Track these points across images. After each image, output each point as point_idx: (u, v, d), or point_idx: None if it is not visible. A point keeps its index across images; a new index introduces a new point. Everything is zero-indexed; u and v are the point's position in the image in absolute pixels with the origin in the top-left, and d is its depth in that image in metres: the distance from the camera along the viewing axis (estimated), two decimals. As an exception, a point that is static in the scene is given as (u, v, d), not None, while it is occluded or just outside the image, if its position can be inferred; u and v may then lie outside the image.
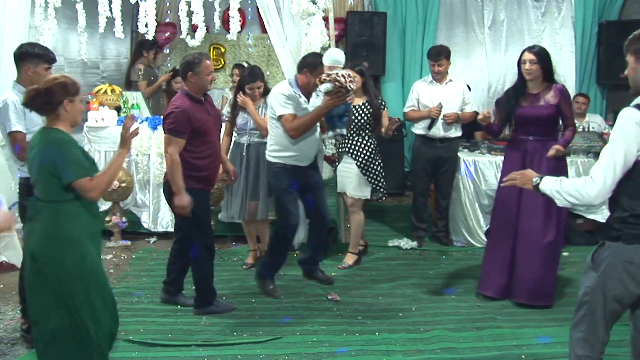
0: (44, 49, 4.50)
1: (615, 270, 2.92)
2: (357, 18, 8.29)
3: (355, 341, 4.47)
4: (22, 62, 4.40)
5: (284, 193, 5.11)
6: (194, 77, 4.60)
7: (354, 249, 6.03)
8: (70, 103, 3.40)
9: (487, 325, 4.69)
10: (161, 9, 8.59)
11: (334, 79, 4.65)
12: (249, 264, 6.00)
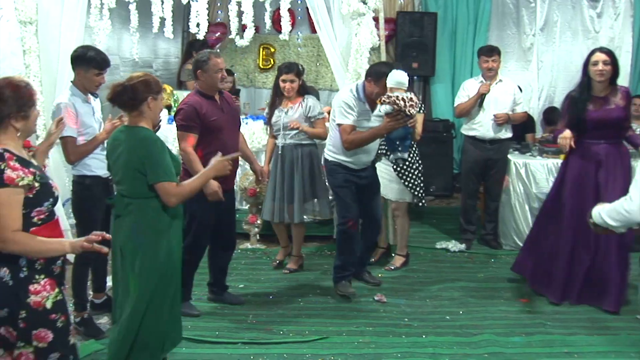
0: (97, 52, 4.51)
1: None
2: (408, 18, 8.23)
3: (402, 343, 4.45)
4: (76, 66, 4.49)
5: (341, 188, 5.10)
6: (203, 75, 4.61)
7: (402, 251, 5.99)
8: (154, 101, 3.48)
9: (536, 331, 4.61)
10: (212, 9, 8.67)
11: (393, 101, 4.60)
12: (279, 260, 5.97)
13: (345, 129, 4.88)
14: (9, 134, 2.82)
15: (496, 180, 6.40)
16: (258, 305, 5.07)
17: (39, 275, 2.83)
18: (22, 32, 5.77)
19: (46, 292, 2.84)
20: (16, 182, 2.71)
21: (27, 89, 2.85)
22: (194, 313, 4.83)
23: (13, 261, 2.79)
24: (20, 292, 2.79)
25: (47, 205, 2.87)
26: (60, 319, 2.89)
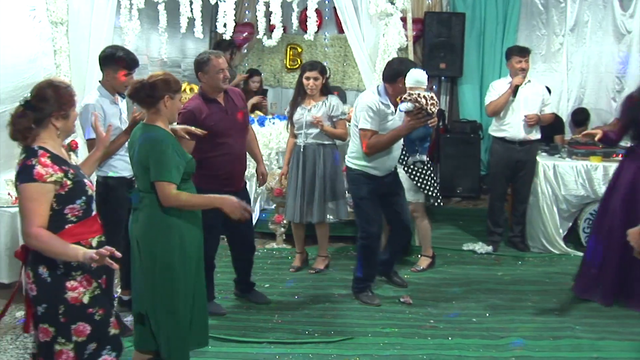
0: (126, 53, 4.52)
1: None
2: (435, 19, 8.20)
3: (427, 345, 4.43)
4: (104, 66, 4.51)
5: (363, 201, 5.02)
6: (204, 77, 4.54)
7: (427, 252, 5.96)
8: (170, 99, 3.54)
9: (565, 335, 4.56)
10: (240, 9, 8.71)
11: (414, 99, 4.54)
12: (296, 266, 5.89)
13: (366, 134, 4.81)
14: (49, 132, 2.90)
15: (525, 182, 6.33)
16: (284, 305, 5.08)
17: (75, 272, 2.90)
18: (53, 32, 5.84)
19: (83, 288, 2.92)
20: (44, 178, 2.78)
21: (67, 90, 2.95)
22: (220, 312, 4.84)
23: (50, 259, 2.85)
24: (58, 288, 2.87)
25: (79, 203, 2.92)
26: (97, 312, 2.97)
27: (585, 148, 6.38)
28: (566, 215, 6.30)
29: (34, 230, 2.77)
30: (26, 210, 2.78)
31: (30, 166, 2.78)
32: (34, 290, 2.89)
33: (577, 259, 6.12)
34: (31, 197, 2.77)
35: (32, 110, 2.85)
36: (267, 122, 6.82)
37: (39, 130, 2.87)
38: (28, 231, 2.78)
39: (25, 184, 2.78)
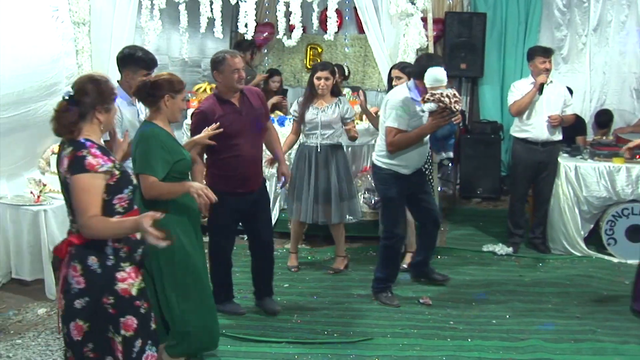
0: (145, 52, 4.52)
1: None
2: (456, 19, 8.15)
3: (447, 346, 4.41)
4: (123, 67, 4.49)
5: (391, 202, 5.02)
6: (219, 76, 4.48)
7: (412, 248, 5.87)
8: (171, 99, 3.65)
9: (586, 338, 4.51)
10: (260, 9, 8.72)
11: (438, 99, 4.52)
12: (296, 266, 5.87)
13: (392, 131, 4.80)
14: (92, 126, 2.95)
15: (547, 184, 6.28)
16: (303, 305, 5.09)
17: (125, 263, 2.94)
18: (75, 32, 5.89)
19: (132, 280, 2.94)
20: (96, 168, 2.82)
21: (107, 84, 3.00)
22: (239, 312, 4.85)
23: (100, 249, 2.89)
24: (109, 279, 2.88)
25: (127, 192, 2.98)
26: (143, 305, 3.00)
27: (608, 149, 6.32)
28: (588, 216, 6.24)
29: (88, 221, 2.80)
30: (80, 201, 2.81)
31: (82, 157, 2.82)
32: (81, 283, 2.86)
33: (598, 261, 6.09)
34: (84, 187, 2.80)
35: (76, 104, 2.89)
36: (287, 122, 6.82)
37: (83, 124, 2.91)
38: (84, 221, 2.81)
39: (78, 175, 2.80)
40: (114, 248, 2.91)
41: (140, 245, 3.04)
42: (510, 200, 6.64)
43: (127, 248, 2.95)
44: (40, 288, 5.15)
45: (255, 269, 4.96)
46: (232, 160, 4.48)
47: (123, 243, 2.94)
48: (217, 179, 4.50)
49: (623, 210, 6.13)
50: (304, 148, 5.66)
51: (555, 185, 6.27)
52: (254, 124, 4.59)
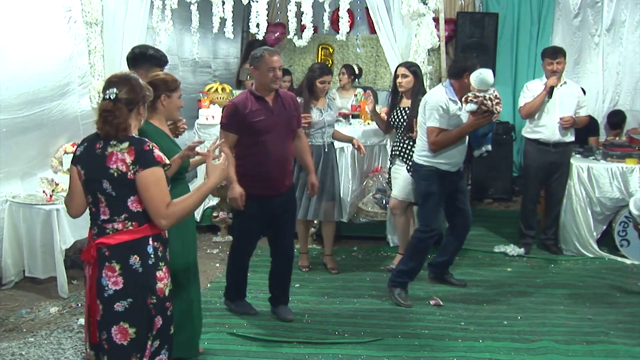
0: (156, 51, 4.54)
1: None
2: (468, 19, 8.13)
3: (458, 347, 4.40)
4: (136, 66, 4.44)
5: (432, 197, 5.05)
6: (256, 73, 4.45)
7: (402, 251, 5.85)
8: (167, 98, 3.67)
9: (598, 340, 4.49)
10: (272, 9, 8.74)
11: (481, 101, 4.63)
12: (308, 266, 5.88)
13: (433, 130, 4.89)
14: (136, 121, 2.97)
15: (559, 185, 6.25)
16: (313, 305, 5.08)
17: (162, 263, 2.93)
18: (87, 32, 5.92)
19: (166, 280, 2.94)
20: (164, 160, 2.88)
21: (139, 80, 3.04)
22: (251, 312, 4.85)
23: (142, 249, 2.86)
24: (151, 278, 2.86)
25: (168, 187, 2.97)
26: (170, 308, 2.99)
27: (621, 150, 6.28)
28: (600, 218, 6.21)
29: (170, 207, 2.84)
30: (154, 194, 2.81)
31: (150, 151, 2.84)
32: (119, 283, 2.81)
33: (611, 263, 6.06)
34: (158, 179, 2.83)
35: (124, 103, 2.88)
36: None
37: (131, 120, 2.91)
38: (163, 212, 2.82)
39: (150, 169, 2.81)
40: (154, 247, 2.89)
41: (168, 245, 3.05)
42: (522, 201, 6.62)
43: (162, 247, 2.95)
44: (52, 286, 5.19)
45: (273, 277, 4.90)
46: (259, 158, 4.43)
47: (160, 242, 2.93)
48: (243, 178, 4.45)
49: (635, 212, 6.09)
50: (310, 149, 5.50)
51: (568, 186, 6.24)
52: (284, 125, 4.55)
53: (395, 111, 5.70)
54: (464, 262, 6.07)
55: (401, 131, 5.68)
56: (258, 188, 4.46)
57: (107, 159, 2.82)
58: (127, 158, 2.80)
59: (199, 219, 6.85)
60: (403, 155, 5.65)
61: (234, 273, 4.82)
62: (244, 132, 4.39)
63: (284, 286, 4.89)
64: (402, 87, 5.60)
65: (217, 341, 4.42)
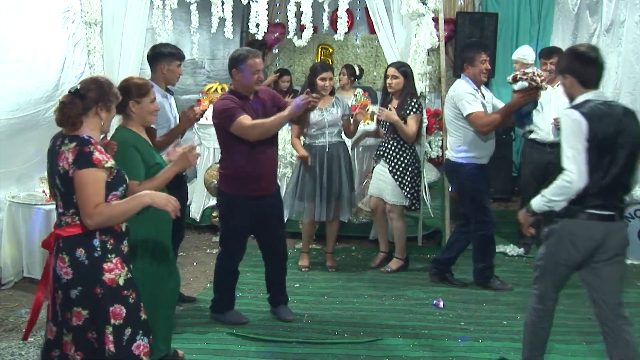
0: (175, 47, 4.81)
1: (561, 240, 3.58)
2: (467, 19, 8.14)
3: (457, 347, 4.40)
4: (157, 62, 4.69)
5: (480, 192, 5.20)
6: (238, 75, 4.37)
7: (400, 254, 5.90)
8: (136, 104, 3.64)
9: (598, 340, 4.43)
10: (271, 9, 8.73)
11: (530, 77, 4.74)
12: (307, 266, 5.87)
13: (479, 115, 5.03)
14: (94, 122, 3.09)
15: (557, 185, 6.22)
16: (313, 305, 5.09)
17: (111, 255, 3.04)
18: (87, 32, 5.93)
19: (118, 270, 3.05)
20: (102, 163, 2.97)
21: (110, 85, 3.16)
22: (242, 321, 4.74)
23: (87, 242, 3.01)
24: (97, 270, 3.00)
25: (121, 190, 3.10)
26: (131, 295, 3.10)
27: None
28: (598, 218, 6.19)
29: (95, 210, 2.93)
30: (85, 194, 2.93)
31: (89, 153, 2.94)
32: (69, 274, 2.99)
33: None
34: (89, 181, 2.93)
35: (81, 98, 3.03)
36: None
37: (85, 118, 3.04)
38: (89, 211, 2.93)
39: (84, 170, 2.93)
40: (100, 240, 3.02)
41: (125, 237, 3.15)
42: (521, 201, 6.61)
43: (112, 240, 3.05)
44: (51, 287, 5.17)
45: (268, 278, 4.90)
46: (249, 159, 4.38)
47: (109, 235, 3.04)
48: (231, 180, 4.45)
49: (636, 212, 6.10)
50: (311, 149, 5.61)
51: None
52: None
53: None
54: (464, 262, 6.05)
55: (387, 132, 5.68)
56: (248, 189, 4.43)
57: (58, 157, 3.00)
58: (69, 157, 2.96)
59: (198, 219, 6.87)
60: (387, 156, 5.66)
61: (225, 282, 4.74)
62: (230, 134, 4.32)
63: (281, 286, 4.90)
64: (392, 88, 5.59)
65: (217, 341, 4.42)
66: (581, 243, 3.53)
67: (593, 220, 3.49)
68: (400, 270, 5.85)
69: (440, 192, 6.90)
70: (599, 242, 3.50)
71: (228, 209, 4.55)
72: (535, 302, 3.79)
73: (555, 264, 3.67)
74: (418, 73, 5.91)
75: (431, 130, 6.36)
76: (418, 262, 6.06)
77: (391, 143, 5.66)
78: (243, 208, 4.47)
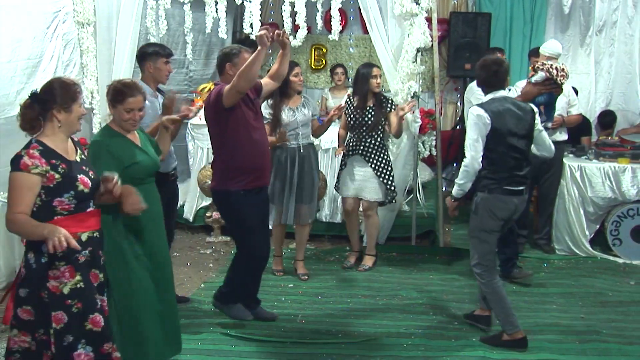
0: (160, 45, 4.82)
1: (484, 211, 4.29)
2: (461, 19, 8.13)
3: (451, 346, 4.41)
4: (143, 62, 4.69)
5: None
6: (233, 69, 4.32)
7: (372, 250, 5.94)
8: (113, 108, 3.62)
9: (591, 339, 4.49)
10: (265, 9, 8.73)
11: (547, 69, 4.88)
12: (281, 269, 5.74)
13: None
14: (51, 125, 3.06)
15: (551, 185, 6.25)
16: (307, 305, 5.08)
17: (59, 262, 3.02)
18: (80, 32, 5.91)
19: (65, 279, 3.03)
20: (29, 169, 2.94)
21: (73, 86, 3.10)
22: (248, 318, 4.72)
23: (37, 247, 3.01)
24: (42, 275, 3.01)
25: (67, 197, 3.03)
26: (75, 305, 3.05)
27: (613, 150, 6.30)
28: (593, 217, 6.22)
29: (13, 216, 2.95)
30: (10, 197, 2.98)
31: (19, 157, 2.96)
32: (22, 274, 3.06)
33: (603, 262, 6.08)
34: (15, 185, 2.95)
35: (38, 102, 3.03)
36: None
37: (44, 122, 3.05)
38: (10, 216, 2.96)
39: (12, 173, 2.97)
40: None
41: (85, 247, 3.09)
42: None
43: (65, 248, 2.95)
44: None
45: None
46: (253, 150, 4.40)
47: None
48: (237, 174, 4.40)
49: (628, 211, 6.12)
50: (282, 151, 5.43)
51: (560, 186, 6.25)
52: (260, 114, 4.61)
53: (358, 111, 5.66)
54: (457, 261, 6.08)
55: (365, 130, 5.67)
56: (254, 181, 4.45)
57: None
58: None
59: (191, 219, 6.86)
60: (367, 155, 5.65)
61: (252, 276, 4.70)
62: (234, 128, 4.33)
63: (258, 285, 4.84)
64: (378, 87, 5.65)
65: (211, 341, 4.41)
66: (500, 213, 4.29)
67: (507, 195, 4.28)
68: (375, 266, 5.89)
69: (433, 192, 6.91)
70: (512, 210, 4.32)
71: (243, 204, 4.46)
72: (481, 275, 4.39)
73: (485, 232, 4.33)
74: (411, 73, 5.92)
75: (425, 130, 6.35)
76: (412, 262, 6.07)
77: (369, 141, 5.66)
78: (252, 200, 4.48)
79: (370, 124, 5.63)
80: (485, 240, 4.35)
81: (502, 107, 4.26)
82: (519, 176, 4.30)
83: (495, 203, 4.28)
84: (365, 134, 5.67)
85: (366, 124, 5.64)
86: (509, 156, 4.26)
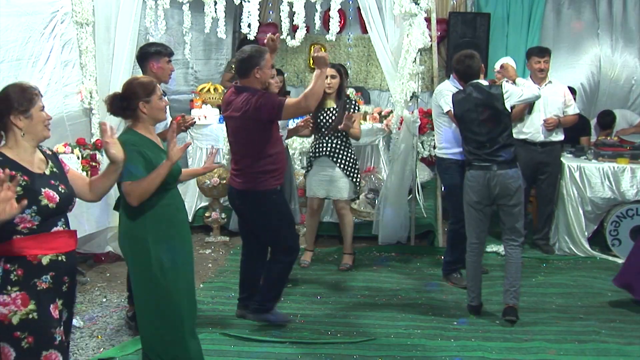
0: (161, 45, 4.81)
1: (466, 186, 4.81)
2: (460, 19, 8.13)
3: (450, 347, 4.40)
4: (145, 62, 4.69)
5: (456, 188, 5.23)
6: (259, 72, 4.32)
7: (350, 249, 5.96)
8: (146, 104, 3.44)
9: (590, 339, 4.49)
10: (264, 9, 8.72)
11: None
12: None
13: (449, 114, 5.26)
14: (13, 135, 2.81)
15: (549, 185, 6.26)
16: (306, 305, 5.09)
17: (12, 287, 2.69)
18: (78, 33, 5.90)
19: (14, 307, 2.68)
20: None
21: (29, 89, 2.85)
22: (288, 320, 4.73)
23: None
24: None
25: (29, 212, 2.71)
26: (25, 339, 2.69)
27: (612, 150, 6.30)
28: (592, 217, 6.22)
29: None
30: None
31: None
32: None
33: (602, 262, 6.07)
34: None
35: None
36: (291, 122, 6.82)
37: (5, 133, 2.81)
38: None
39: None
40: (4, 269, 2.68)
41: (47, 272, 2.77)
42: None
43: (21, 272, 2.70)
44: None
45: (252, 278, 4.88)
46: (280, 150, 4.52)
47: (17, 266, 2.70)
48: (273, 174, 4.44)
49: (627, 211, 6.12)
50: None
51: (560, 186, 6.25)
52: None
53: (321, 112, 5.64)
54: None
55: (328, 131, 5.65)
56: (280, 179, 4.55)
57: None
58: None
59: (190, 219, 6.85)
60: (333, 155, 5.63)
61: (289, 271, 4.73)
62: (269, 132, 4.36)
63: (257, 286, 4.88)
64: (331, 88, 5.57)
65: (210, 341, 4.40)
66: (472, 188, 4.75)
67: (476, 170, 4.74)
68: (354, 263, 5.91)
69: (432, 192, 6.91)
70: (485, 185, 4.73)
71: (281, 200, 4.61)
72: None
73: (465, 205, 4.87)
74: (410, 73, 5.92)
75: (424, 130, 6.36)
76: (410, 262, 6.07)
77: (335, 142, 5.64)
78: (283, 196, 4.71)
79: (329, 125, 5.61)
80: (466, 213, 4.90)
81: (464, 94, 4.77)
82: (485, 154, 4.72)
83: (468, 177, 4.80)
84: (330, 134, 5.65)
85: (325, 126, 5.63)
86: (470, 139, 4.78)
